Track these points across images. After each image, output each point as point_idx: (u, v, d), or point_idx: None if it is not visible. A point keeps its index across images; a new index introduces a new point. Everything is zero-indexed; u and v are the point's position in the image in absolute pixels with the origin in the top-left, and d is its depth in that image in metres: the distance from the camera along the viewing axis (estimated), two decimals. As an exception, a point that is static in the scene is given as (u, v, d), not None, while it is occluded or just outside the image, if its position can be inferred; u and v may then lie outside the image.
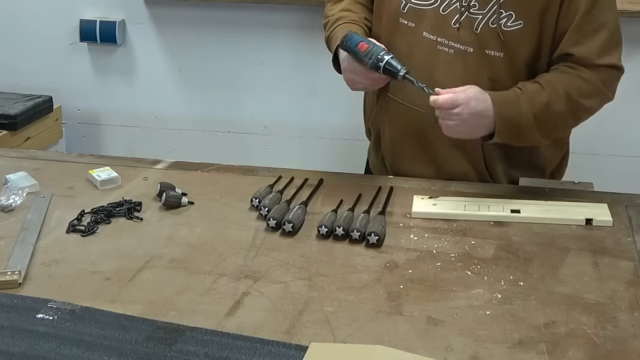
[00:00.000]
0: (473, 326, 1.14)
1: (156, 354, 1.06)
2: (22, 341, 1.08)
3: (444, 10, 1.55)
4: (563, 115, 1.53)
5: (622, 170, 2.81)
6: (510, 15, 1.51)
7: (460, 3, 1.53)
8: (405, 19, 1.60)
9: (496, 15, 1.52)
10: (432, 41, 1.57)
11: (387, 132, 1.70)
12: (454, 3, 1.54)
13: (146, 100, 3.10)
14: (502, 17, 1.52)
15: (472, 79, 1.51)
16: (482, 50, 1.54)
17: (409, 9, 1.59)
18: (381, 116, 1.70)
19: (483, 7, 1.52)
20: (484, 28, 1.53)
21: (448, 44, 1.56)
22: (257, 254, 1.34)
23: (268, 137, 3.06)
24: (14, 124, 2.76)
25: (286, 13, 2.88)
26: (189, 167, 1.69)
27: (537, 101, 1.50)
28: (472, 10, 1.53)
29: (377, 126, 1.74)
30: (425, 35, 1.58)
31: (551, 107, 1.50)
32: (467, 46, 1.55)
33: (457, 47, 1.55)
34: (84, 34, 3.00)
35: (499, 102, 1.48)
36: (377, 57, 1.48)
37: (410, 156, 1.67)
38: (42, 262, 1.30)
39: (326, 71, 2.94)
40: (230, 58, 2.98)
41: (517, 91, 1.51)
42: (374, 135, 1.76)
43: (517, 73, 1.55)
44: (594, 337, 1.12)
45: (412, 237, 1.40)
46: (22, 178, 1.58)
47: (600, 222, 1.45)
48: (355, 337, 1.11)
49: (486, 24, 1.53)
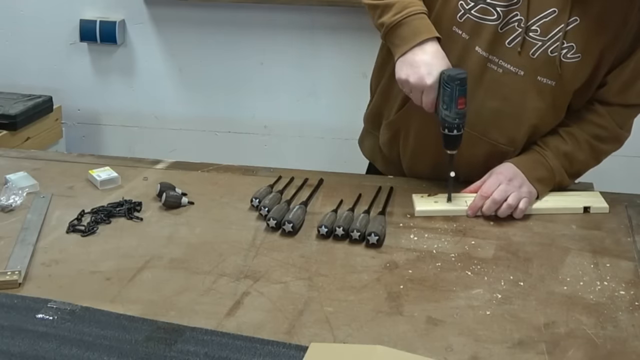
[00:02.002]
0: (473, 326, 1.14)
1: (156, 354, 1.06)
2: (22, 341, 1.08)
3: (502, 29, 1.48)
4: (587, 162, 1.59)
5: (622, 170, 2.81)
6: (572, 47, 1.47)
7: (519, 24, 1.47)
8: (460, 29, 1.51)
9: (558, 44, 1.47)
10: (483, 57, 1.51)
11: (412, 137, 1.64)
12: (512, 22, 1.48)
13: (146, 100, 3.10)
14: (563, 48, 1.47)
15: (514, 102, 1.51)
16: (534, 75, 1.50)
17: (467, 19, 1.50)
18: (406, 121, 1.64)
19: (545, 34, 1.47)
20: (542, 55, 1.48)
21: (498, 62, 1.50)
22: (257, 254, 1.34)
23: (268, 137, 3.06)
24: (14, 124, 2.76)
25: (286, 13, 2.88)
26: (189, 167, 1.69)
27: (562, 152, 1.55)
28: (531, 34, 1.48)
29: (396, 128, 1.67)
30: (478, 50, 1.50)
31: (575, 157, 1.56)
32: (518, 69, 1.50)
33: (508, 67, 1.50)
34: (84, 34, 3.01)
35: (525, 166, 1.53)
36: (457, 124, 1.43)
37: (432, 163, 1.63)
38: (42, 262, 1.30)
39: (326, 71, 2.97)
40: (230, 58, 2.98)
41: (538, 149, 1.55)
42: (390, 135, 1.69)
43: (562, 102, 1.54)
44: (594, 337, 1.12)
45: (412, 237, 1.40)
46: (22, 178, 1.58)
47: (597, 210, 1.50)
48: (355, 337, 1.11)
49: (545, 51, 1.48)
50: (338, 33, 2.86)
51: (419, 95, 1.46)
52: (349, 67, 2.90)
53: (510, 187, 1.49)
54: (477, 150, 1.57)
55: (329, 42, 2.85)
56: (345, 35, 2.84)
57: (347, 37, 2.84)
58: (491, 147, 1.56)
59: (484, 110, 1.53)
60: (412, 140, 1.65)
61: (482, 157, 1.58)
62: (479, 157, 1.58)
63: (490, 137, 1.55)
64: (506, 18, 1.48)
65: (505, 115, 1.53)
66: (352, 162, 1.99)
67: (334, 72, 2.93)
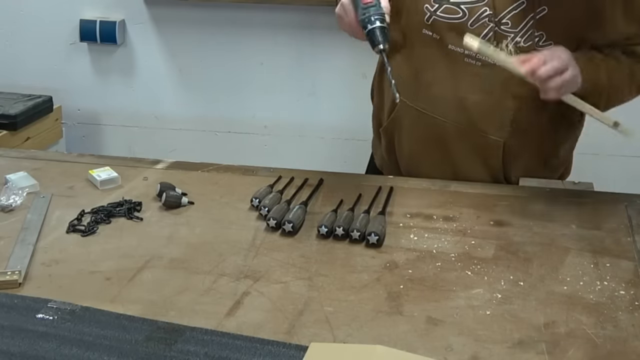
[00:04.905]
0: (473, 326, 1.14)
1: (156, 354, 1.06)
2: (22, 341, 1.08)
3: (472, 25, 1.52)
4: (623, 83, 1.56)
5: (622, 170, 2.82)
6: (542, 36, 1.50)
7: (490, 19, 1.51)
8: (430, 31, 1.56)
9: (529, 34, 1.50)
10: (458, 54, 1.55)
11: (405, 141, 1.68)
12: (482, 18, 1.51)
13: (146, 100, 3.10)
14: (535, 36, 1.50)
15: (497, 93, 1.53)
16: None
17: (434, 21, 1.55)
18: (398, 124, 1.68)
19: (515, 25, 1.50)
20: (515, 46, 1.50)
21: (476, 56, 1.53)
22: (257, 254, 1.34)
23: (268, 137, 3.06)
24: (14, 124, 2.76)
25: (286, 13, 2.88)
26: (189, 167, 1.69)
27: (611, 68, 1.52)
28: (503, 27, 1.51)
29: (391, 133, 1.71)
30: (452, 47, 1.55)
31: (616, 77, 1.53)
32: None
33: (485, 60, 1.52)
34: (84, 34, 3.01)
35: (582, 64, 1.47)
36: (370, 18, 1.39)
37: (429, 163, 1.66)
38: (42, 262, 1.30)
39: (326, 71, 2.97)
40: (230, 58, 2.98)
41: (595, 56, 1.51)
42: (386, 140, 1.74)
43: None
44: (594, 337, 1.12)
45: (412, 237, 1.40)
46: (22, 178, 1.58)
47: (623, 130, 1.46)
48: (355, 337, 1.11)
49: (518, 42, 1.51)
50: (338, 33, 2.84)
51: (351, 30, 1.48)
52: (349, 67, 2.90)
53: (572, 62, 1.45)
54: (468, 143, 1.61)
55: (329, 42, 2.86)
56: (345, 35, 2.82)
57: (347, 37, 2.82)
58: (480, 139, 1.60)
59: (468, 104, 1.57)
60: (405, 144, 1.69)
61: (473, 150, 1.62)
62: (470, 151, 1.62)
63: (479, 129, 1.58)
64: (475, 15, 1.51)
65: (490, 106, 1.57)
66: (352, 162, 2.00)
67: (334, 72, 2.93)
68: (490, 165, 1.64)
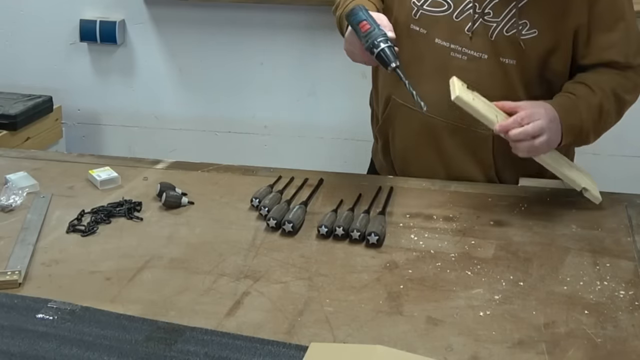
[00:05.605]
0: (473, 326, 1.14)
1: (156, 354, 1.06)
2: (22, 341, 1.08)
3: (457, 17, 1.55)
4: (611, 115, 1.56)
5: (622, 170, 2.82)
6: (525, 24, 1.51)
7: (474, 10, 1.53)
8: (417, 26, 1.59)
9: (512, 23, 1.51)
10: (445, 48, 1.57)
11: (398, 139, 1.70)
12: (467, 10, 1.54)
13: (146, 100, 3.10)
14: (519, 25, 1.51)
15: (485, 85, 1.52)
16: (497, 57, 1.54)
17: (421, 15, 1.58)
18: (390, 123, 1.70)
19: (498, 15, 1.52)
20: (499, 36, 1.53)
21: (461, 50, 1.56)
22: (257, 254, 1.34)
23: (268, 137, 3.06)
24: (14, 124, 2.76)
25: (286, 13, 2.88)
26: (189, 167, 1.69)
27: (593, 105, 1.52)
28: (486, 17, 1.53)
29: (385, 133, 1.73)
30: (438, 41, 1.57)
31: (604, 109, 1.53)
32: (481, 53, 1.55)
33: (471, 53, 1.55)
34: (84, 34, 3.01)
35: (562, 111, 1.49)
36: (373, 42, 1.43)
37: (422, 163, 1.67)
38: (42, 262, 1.30)
39: (326, 71, 2.96)
40: (230, 58, 2.98)
41: (572, 97, 1.52)
42: (382, 141, 1.75)
43: (528, 79, 1.57)
44: (594, 337, 1.12)
45: (412, 237, 1.40)
46: (22, 178, 1.58)
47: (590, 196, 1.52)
48: (355, 337, 1.11)
49: (501, 32, 1.53)
50: (338, 33, 2.86)
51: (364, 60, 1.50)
52: (349, 67, 2.87)
53: (546, 129, 1.45)
54: (458, 138, 1.62)
55: (329, 42, 2.85)
56: (346, 35, 2.84)
57: (347, 37, 2.84)
58: (470, 133, 1.60)
59: None
60: (398, 142, 1.70)
61: (463, 145, 1.62)
62: (461, 146, 1.63)
63: (467, 123, 1.58)
64: (459, 7, 1.54)
65: None
66: (352, 162, 2.00)
67: (334, 72, 2.93)
68: (481, 160, 1.64)
